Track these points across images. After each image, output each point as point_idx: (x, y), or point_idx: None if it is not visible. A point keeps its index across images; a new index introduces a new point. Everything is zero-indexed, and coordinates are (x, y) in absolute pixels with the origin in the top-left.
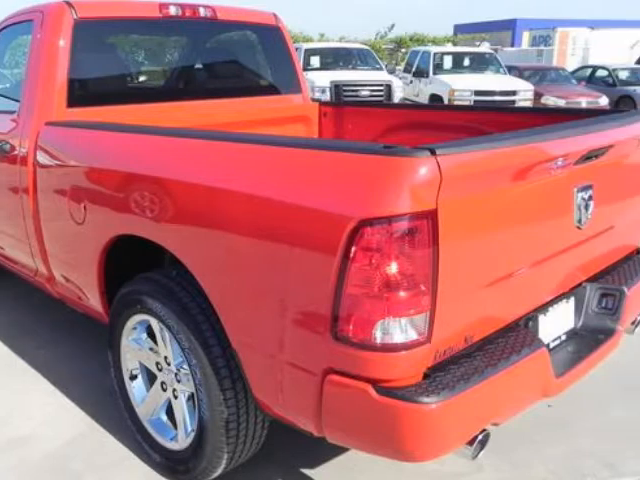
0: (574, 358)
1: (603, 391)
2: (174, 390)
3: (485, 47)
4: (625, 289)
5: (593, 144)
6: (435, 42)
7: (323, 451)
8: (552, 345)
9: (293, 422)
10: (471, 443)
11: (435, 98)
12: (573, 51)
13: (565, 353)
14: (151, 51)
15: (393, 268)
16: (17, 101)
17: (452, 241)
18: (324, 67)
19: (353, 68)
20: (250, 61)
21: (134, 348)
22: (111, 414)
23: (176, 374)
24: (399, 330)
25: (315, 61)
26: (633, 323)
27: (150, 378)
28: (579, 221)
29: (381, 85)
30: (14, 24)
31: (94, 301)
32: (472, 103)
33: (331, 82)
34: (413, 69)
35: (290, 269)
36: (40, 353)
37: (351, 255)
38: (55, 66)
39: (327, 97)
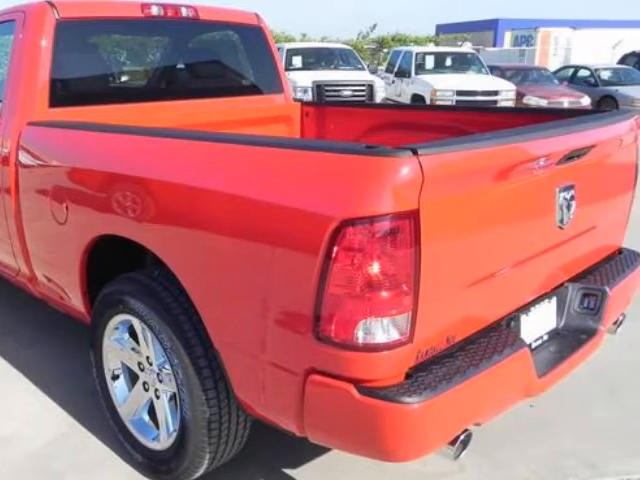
0: (556, 358)
1: (585, 391)
2: (156, 390)
3: (467, 47)
4: (607, 289)
5: (575, 144)
6: (417, 42)
7: (305, 451)
8: (534, 345)
9: (275, 422)
10: (453, 443)
11: (417, 98)
12: (555, 51)
13: (547, 353)
14: (133, 51)
15: (375, 268)
16: None
17: (434, 241)
18: (306, 67)
19: (335, 68)
20: (232, 61)
21: (116, 348)
22: (93, 414)
23: (158, 374)
24: (381, 330)
25: (297, 61)
26: (615, 323)
27: (132, 378)
28: (561, 221)
29: (363, 85)
30: None
31: (76, 301)
32: (454, 103)
33: (313, 82)
34: (395, 69)
35: (272, 269)
36: (22, 353)
37: (333, 255)
38: (37, 66)
39: (309, 97)
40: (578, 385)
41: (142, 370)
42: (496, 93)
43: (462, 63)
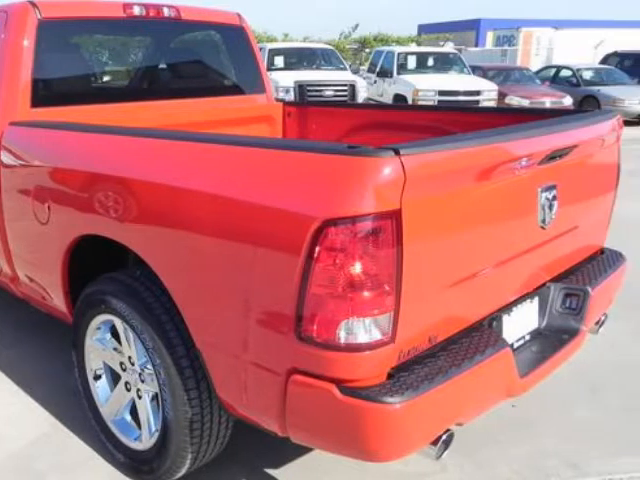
0: (538, 358)
1: (567, 391)
2: (138, 390)
3: (449, 47)
4: (589, 289)
5: (557, 144)
6: (399, 42)
7: (287, 451)
8: (516, 345)
9: (257, 422)
10: (435, 443)
11: (399, 98)
12: (537, 51)
13: (529, 353)
14: (115, 51)
15: (357, 268)
16: None
17: (416, 241)
18: (288, 67)
19: (317, 68)
20: (214, 61)
21: (98, 348)
22: (75, 414)
23: (140, 374)
24: (363, 330)
25: (279, 61)
26: (597, 323)
27: (114, 378)
28: (543, 221)
29: (345, 85)
30: None
31: (58, 301)
32: (436, 103)
33: (295, 82)
34: (377, 69)
35: (254, 269)
36: (4, 353)
37: (315, 255)
38: (19, 66)
39: (291, 97)
40: (560, 385)
41: (124, 370)
42: (478, 93)
43: (444, 63)
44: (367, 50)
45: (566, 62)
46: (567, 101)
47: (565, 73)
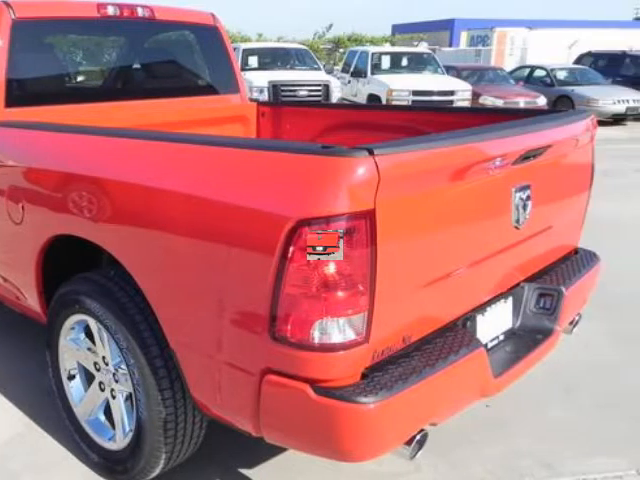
0: (512, 358)
1: (541, 391)
2: (112, 390)
3: (423, 47)
4: (563, 289)
5: (531, 144)
6: (373, 42)
7: (261, 451)
8: (490, 345)
9: (231, 422)
10: (409, 443)
11: (373, 98)
12: (511, 51)
13: (503, 353)
14: (90, 51)
15: (331, 268)
16: None
17: (390, 241)
18: (262, 67)
19: (291, 68)
20: (188, 61)
21: (72, 348)
22: (49, 414)
23: (114, 374)
24: (337, 330)
25: (253, 61)
26: (571, 323)
27: (88, 378)
28: (517, 221)
29: (319, 85)
30: None
31: (32, 301)
32: (410, 103)
33: (269, 82)
34: (351, 69)
35: (228, 269)
36: None
37: (289, 255)
38: None
39: (265, 97)
40: (534, 385)
41: (98, 370)
42: (452, 93)
43: (418, 63)
44: (341, 50)
45: (540, 62)
46: (541, 101)
47: (539, 73)
